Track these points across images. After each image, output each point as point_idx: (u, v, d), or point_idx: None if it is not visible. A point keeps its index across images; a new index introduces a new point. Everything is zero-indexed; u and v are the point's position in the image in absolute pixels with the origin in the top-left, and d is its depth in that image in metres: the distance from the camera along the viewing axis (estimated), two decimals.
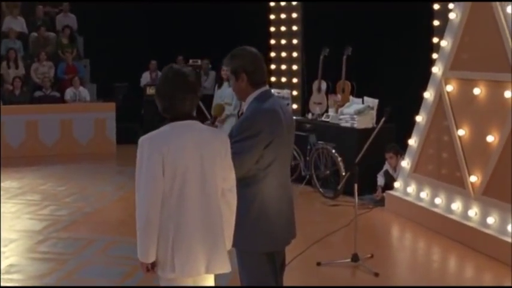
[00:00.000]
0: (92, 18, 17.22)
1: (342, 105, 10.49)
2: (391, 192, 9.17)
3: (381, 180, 9.54)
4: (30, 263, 7.01)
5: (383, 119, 7.43)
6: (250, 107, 4.07)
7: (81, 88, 14.99)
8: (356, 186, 6.83)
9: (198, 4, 15.30)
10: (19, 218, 8.81)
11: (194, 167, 3.61)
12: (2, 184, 10.93)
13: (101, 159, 13.30)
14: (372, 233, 8.24)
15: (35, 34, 16.39)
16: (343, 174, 9.28)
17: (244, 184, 4.01)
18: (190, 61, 15.02)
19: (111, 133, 14.45)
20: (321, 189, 9.96)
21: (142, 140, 3.62)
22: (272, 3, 12.73)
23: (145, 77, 15.94)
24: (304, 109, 11.82)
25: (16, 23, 16.57)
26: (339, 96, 10.80)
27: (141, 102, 15.30)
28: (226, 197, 3.78)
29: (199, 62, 15.04)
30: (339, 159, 9.49)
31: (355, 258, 6.84)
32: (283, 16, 12.47)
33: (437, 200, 8.22)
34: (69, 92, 14.85)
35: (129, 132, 14.77)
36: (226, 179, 3.76)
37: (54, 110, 13.88)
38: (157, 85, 3.76)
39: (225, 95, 11.65)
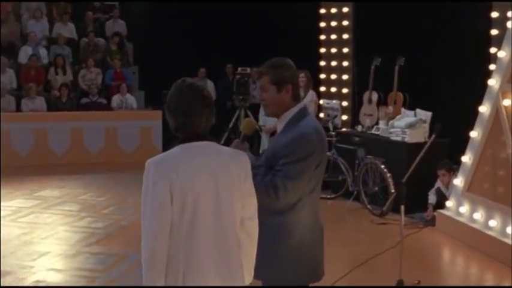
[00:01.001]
0: (141, 24, 17.10)
1: (394, 118, 9.99)
2: (442, 211, 8.62)
3: (432, 198, 8.99)
4: (57, 280, 6.71)
5: (433, 136, 6.93)
6: (296, 125, 3.68)
7: (128, 95, 14.77)
8: (403, 207, 6.32)
9: (247, 12, 14.95)
10: (53, 229, 8.56)
11: (207, 195, 3.20)
12: (41, 193, 10.77)
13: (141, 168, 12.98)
14: (420, 256, 7.70)
15: (84, 40, 16.27)
16: (392, 191, 8.76)
17: (278, 212, 3.67)
18: (239, 69, 14.58)
19: (157, 142, 14.20)
20: (369, 206, 9.46)
21: (149, 163, 3.22)
22: (323, 11, 12.28)
23: None
24: (354, 121, 11.33)
25: (66, 29, 16.48)
26: (390, 108, 10.29)
27: None
28: (245, 226, 3.36)
29: (248, 70, 14.59)
30: (388, 175, 8.98)
31: (400, 284, 6.33)
32: (333, 24, 12.03)
33: (492, 222, 7.64)
34: (115, 99, 14.65)
35: (176, 141, 14.51)
36: (246, 207, 3.34)
37: (100, 117, 13.69)
38: (169, 100, 3.33)
39: None
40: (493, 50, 9.50)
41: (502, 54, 7.85)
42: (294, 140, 3.62)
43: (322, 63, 12.33)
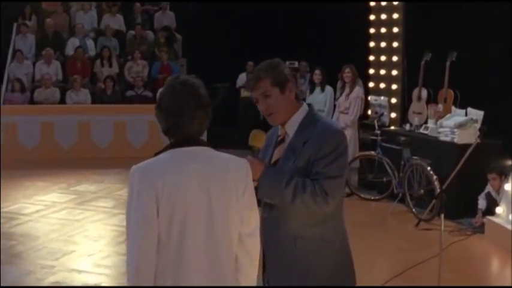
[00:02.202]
0: (191, 17, 16.83)
1: (443, 117, 9.43)
2: (492, 218, 8.05)
3: (482, 203, 8.41)
4: (76, 281, 6.43)
5: (477, 139, 6.42)
6: (316, 124, 3.38)
7: None
8: (442, 216, 5.80)
9: (296, 4, 14.52)
10: (82, 227, 8.31)
11: (198, 208, 2.82)
12: (78, 187, 10.59)
13: None
14: (465, 267, 7.15)
15: (132, 32, 16.08)
16: (438, 191, 8.21)
17: (319, 221, 3.36)
18: (287, 63, 14.19)
19: (202, 136, 13.85)
20: (414, 210, 8.92)
21: (133, 169, 2.84)
22: (372, 3, 11.73)
23: (242, 79, 15.24)
24: (403, 119, 10.79)
25: (114, 21, 16.34)
26: (440, 106, 9.72)
27: (237, 104, 14.71)
28: (245, 243, 2.98)
29: (296, 64, 14.19)
30: (435, 177, 8.43)
31: None
32: (383, 17, 11.46)
33: None
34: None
35: (223, 135, 14.20)
36: (246, 222, 2.96)
37: (143, 111, 13.40)
38: (160, 98, 2.95)
39: (317, 101, 10.88)
40: None
41: None
42: (327, 138, 3.33)
43: (371, 57, 11.79)
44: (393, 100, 11.24)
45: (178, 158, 2.84)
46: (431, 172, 8.50)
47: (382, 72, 11.59)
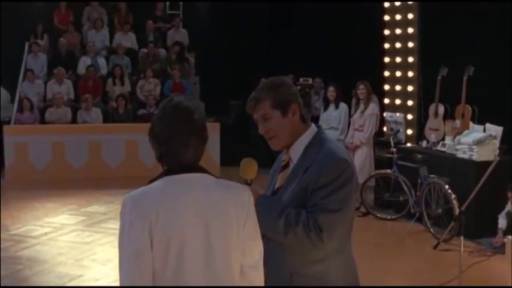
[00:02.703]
0: (204, 34, 16.69)
1: (461, 133, 9.17)
2: None
3: (502, 222, 8.11)
4: None
5: (497, 156, 6.17)
6: (320, 149, 3.05)
7: None
8: (462, 239, 5.54)
9: (309, 21, 14.35)
10: (90, 250, 8.10)
11: (196, 240, 2.59)
12: (88, 208, 10.41)
13: None
14: None
15: (144, 50, 15.95)
16: (457, 212, 7.95)
17: (319, 259, 3.04)
18: (301, 80, 14.02)
19: (215, 154, 13.70)
20: (432, 230, 8.64)
21: (125, 199, 2.62)
22: (387, 18, 11.51)
23: None
24: (419, 135, 10.53)
25: (126, 39, 16.23)
26: (458, 122, 9.46)
27: (251, 121, 14.49)
28: (247, 276, 2.73)
29: (310, 80, 14.00)
30: (453, 196, 8.16)
31: None
32: (398, 31, 11.24)
33: None
34: None
35: (235, 153, 14.01)
36: (248, 253, 2.71)
37: None
38: (152, 122, 2.74)
39: (331, 118, 10.71)
40: None
41: None
42: (329, 166, 2.97)
43: (387, 73, 11.57)
44: (409, 116, 10.99)
45: (173, 186, 2.62)
46: (449, 191, 8.24)
47: (398, 88, 11.36)
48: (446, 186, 8.31)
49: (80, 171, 13.07)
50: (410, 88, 11.10)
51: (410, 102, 11.11)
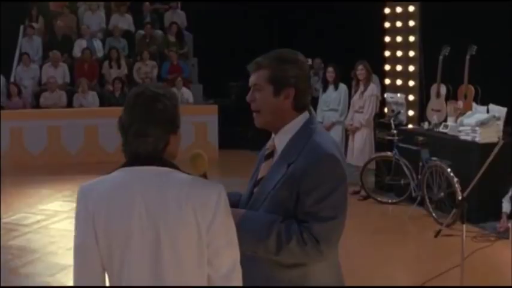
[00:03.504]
0: (202, 15, 16.38)
1: (464, 114, 8.91)
2: None
3: (506, 206, 7.86)
4: None
5: (501, 140, 5.91)
6: (307, 144, 2.70)
7: (184, 89, 14.06)
8: (464, 227, 5.30)
9: (309, 1, 14.07)
10: None
11: (140, 245, 2.34)
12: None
13: None
14: (489, 276, 6.62)
15: (141, 32, 15.67)
16: (459, 198, 7.71)
17: (292, 264, 2.72)
18: None
19: (213, 138, 13.50)
20: (433, 214, 8.41)
21: (79, 188, 2.45)
22: None
23: None
24: (421, 117, 10.28)
25: (123, 21, 15.96)
26: (460, 103, 9.21)
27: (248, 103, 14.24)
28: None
29: (309, 61, 13.69)
30: (455, 179, 7.91)
31: None
32: (399, 10, 10.95)
33: None
34: None
35: (234, 136, 13.79)
36: (216, 262, 2.40)
37: None
38: (122, 112, 2.51)
39: (330, 99, 10.46)
40: None
41: None
42: (315, 163, 2.63)
43: (387, 53, 11.29)
44: (410, 97, 10.75)
45: (123, 178, 2.39)
46: (451, 174, 7.99)
47: (399, 68, 11.10)
48: (449, 170, 8.06)
49: (76, 156, 12.87)
50: (411, 68, 10.85)
51: (411, 83, 10.86)
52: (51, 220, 8.71)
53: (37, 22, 15.67)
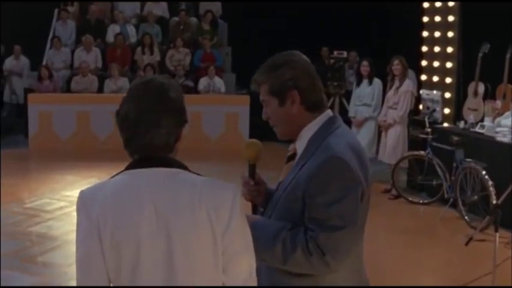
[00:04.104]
0: (237, 4, 16.15)
1: (502, 114, 8.61)
2: None
3: None
4: None
5: None
6: (320, 146, 2.53)
7: (216, 78, 13.86)
8: (497, 236, 5.03)
9: None
10: None
11: (152, 253, 2.15)
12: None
13: (230, 158, 11.93)
14: None
15: (175, 19, 15.51)
16: (494, 202, 7.41)
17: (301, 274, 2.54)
18: (335, 53, 13.42)
19: (244, 129, 13.26)
20: (466, 217, 8.11)
21: (79, 194, 2.24)
22: None
23: None
24: (457, 115, 9.95)
25: (157, 8, 15.81)
26: (498, 103, 8.89)
27: None
28: None
29: (344, 53, 13.40)
30: (490, 183, 7.60)
31: None
32: (438, 5, 10.61)
33: None
34: (202, 82, 13.79)
35: (265, 127, 13.56)
36: (231, 270, 2.22)
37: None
38: (120, 103, 2.31)
39: (364, 94, 10.21)
40: None
41: None
42: (321, 165, 2.45)
43: (424, 48, 10.96)
44: (447, 95, 10.42)
45: (131, 181, 2.18)
46: (486, 177, 7.67)
47: (436, 64, 10.77)
48: (484, 172, 7.75)
49: (105, 143, 12.73)
50: (449, 65, 10.50)
51: (448, 80, 10.53)
52: (74, 207, 8.41)
53: (72, 6, 15.59)
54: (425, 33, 10.98)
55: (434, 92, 10.09)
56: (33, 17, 14.45)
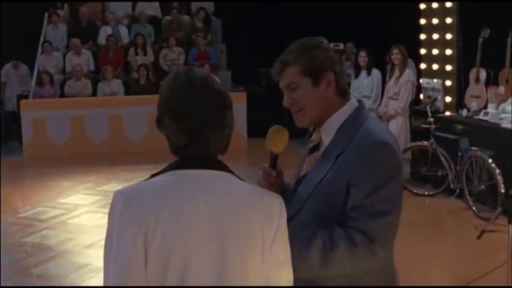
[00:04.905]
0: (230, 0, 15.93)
1: (505, 100, 8.38)
2: None
3: None
4: None
5: None
6: (357, 132, 2.37)
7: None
8: (510, 227, 4.78)
9: None
10: (100, 235, 7.43)
11: (205, 259, 1.93)
12: (105, 187, 9.81)
13: (227, 156, 11.70)
14: None
15: (167, 17, 15.26)
16: (502, 191, 7.17)
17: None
18: (332, 44, 13.10)
19: (241, 126, 13.02)
20: (474, 208, 7.87)
21: (116, 196, 1.97)
22: None
23: None
24: (459, 103, 9.72)
25: (149, 7, 15.57)
26: (502, 89, 8.65)
27: (280, 91, 13.77)
28: None
29: (341, 45, 13.17)
30: (497, 171, 7.36)
31: None
32: None
33: None
34: None
35: (264, 124, 13.31)
36: (273, 281, 2.04)
37: None
38: (167, 99, 2.04)
39: (363, 85, 9.98)
40: None
41: None
42: (367, 152, 2.31)
43: (423, 36, 10.72)
44: (448, 83, 10.19)
45: (182, 184, 1.96)
46: (493, 165, 7.43)
47: (435, 52, 10.53)
48: (490, 160, 7.51)
49: (101, 147, 12.52)
50: (448, 52, 10.27)
51: (449, 67, 10.30)
52: (70, 215, 8.34)
53: (62, 9, 15.33)
54: (423, 21, 10.75)
55: (435, 80, 9.87)
56: (23, 21, 14.21)
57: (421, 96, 10.11)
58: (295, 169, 2.60)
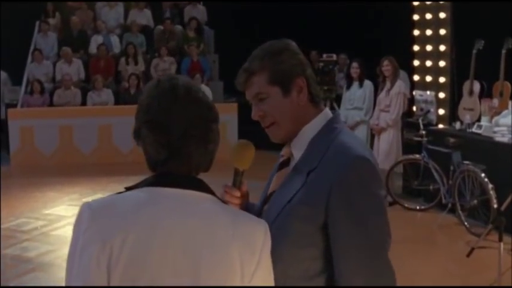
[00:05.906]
0: (223, 10, 15.79)
1: (499, 113, 8.24)
2: None
3: None
4: None
5: None
6: (334, 145, 2.10)
7: (202, 86, 13.42)
8: (502, 246, 4.60)
9: None
10: None
11: None
12: (91, 198, 9.53)
13: (219, 167, 11.47)
14: None
15: (160, 27, 15.11)
16: (495, 207, 7.00)
17: (314, 273, 2.10)
18: (324, 56, 13.00)
19: (232, 137, 12.82)
20: (466, 223, 7.70)
21: (83, 207, 1.78)
22: None
23: None
24: (453, 116, 9.57)
25: (141, 16, 15.41)
26: (495, 101, 8.50)
27: None
28: None
29: (334, 56, 12.97)
30: (490, 186, 7.19)
31: None
32: (429, 2, 10.24)
33: None
34: None
35: (254, 135, 13.15)
36: None
37: None
38: (147, 108, 1.86)
39: (355, 97, 9.79)
40: None
41: None
42: (348, 174, 2.03)
43: (416, 47, 10.58)
44: (441, 95, 10.05)
45: (157, 203, 1.76)
46: (486, 180, 7.26)
47: (428, 63, 10.39)
48: (483, 174, 7.34)
49: (89, 157, 12.35)
50: (442, 63, 10.13)
51: (442, 79, 10.15)
52: (53, 226, 8.16)
53: (53, 18, 15.18)
54: (416, 32, 10.61)
55: (428, 92, 9.73)
56: (13, 29, 14.05)
57: (414, 108, 9.96)
58: (263, 187, 2.33)
